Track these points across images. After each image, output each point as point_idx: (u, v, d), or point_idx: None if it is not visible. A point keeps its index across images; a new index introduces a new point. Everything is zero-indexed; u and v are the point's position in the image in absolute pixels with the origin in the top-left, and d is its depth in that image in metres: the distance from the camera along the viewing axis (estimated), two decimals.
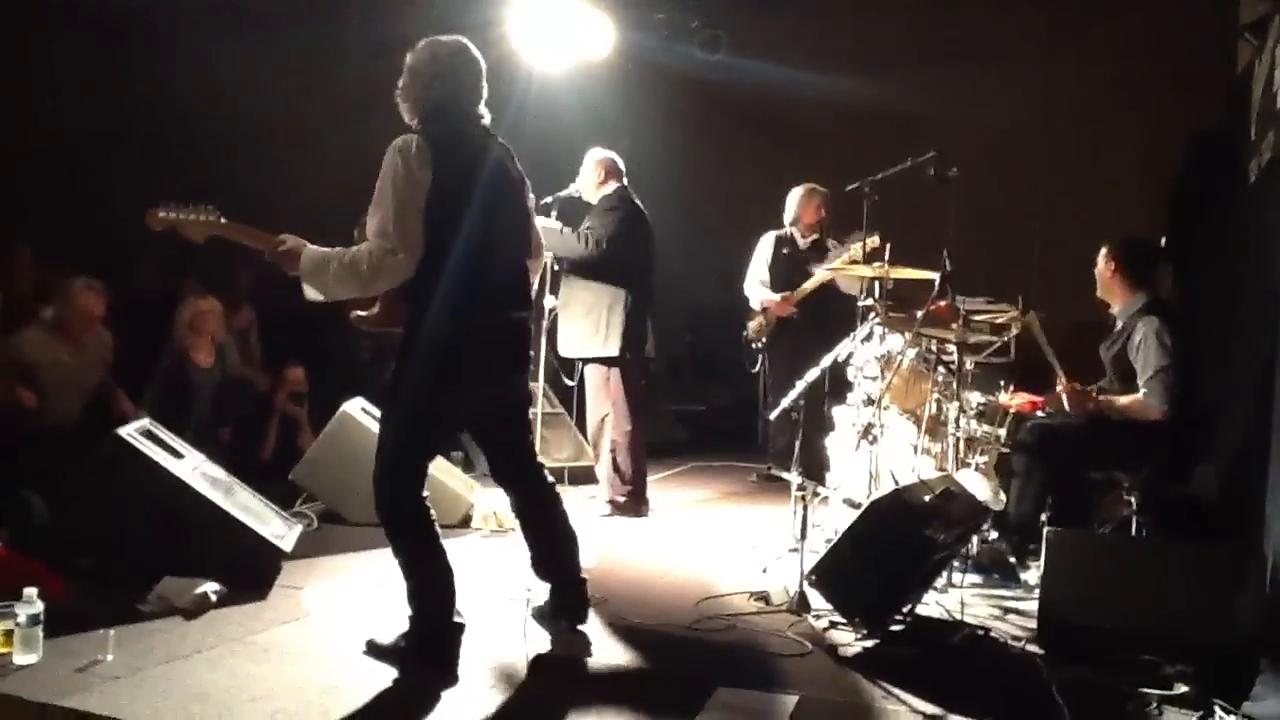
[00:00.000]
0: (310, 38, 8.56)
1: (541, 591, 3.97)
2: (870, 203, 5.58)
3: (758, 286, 7.08)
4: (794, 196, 7.17)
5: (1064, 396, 4.94)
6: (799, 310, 6.90)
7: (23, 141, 7.59)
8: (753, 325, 7.16)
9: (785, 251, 7.12)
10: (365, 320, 3.64)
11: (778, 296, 6.96)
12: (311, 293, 3.54)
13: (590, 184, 6.08)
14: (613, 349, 5.92)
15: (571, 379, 6.32)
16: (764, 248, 7.16)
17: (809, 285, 6.85)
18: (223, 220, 3.68)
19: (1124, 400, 4.81)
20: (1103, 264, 5.09)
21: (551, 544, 3.91)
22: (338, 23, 8.47)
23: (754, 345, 7.15)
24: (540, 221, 4.53)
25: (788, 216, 7.17)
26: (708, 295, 7.44)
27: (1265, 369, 4.05)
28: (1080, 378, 5.11)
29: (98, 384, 5.88)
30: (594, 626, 3.97)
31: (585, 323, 5.96)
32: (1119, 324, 5.04)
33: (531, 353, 3.84)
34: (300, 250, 3.51)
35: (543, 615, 3.95)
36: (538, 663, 3.64)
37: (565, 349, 6.11)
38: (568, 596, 3.90)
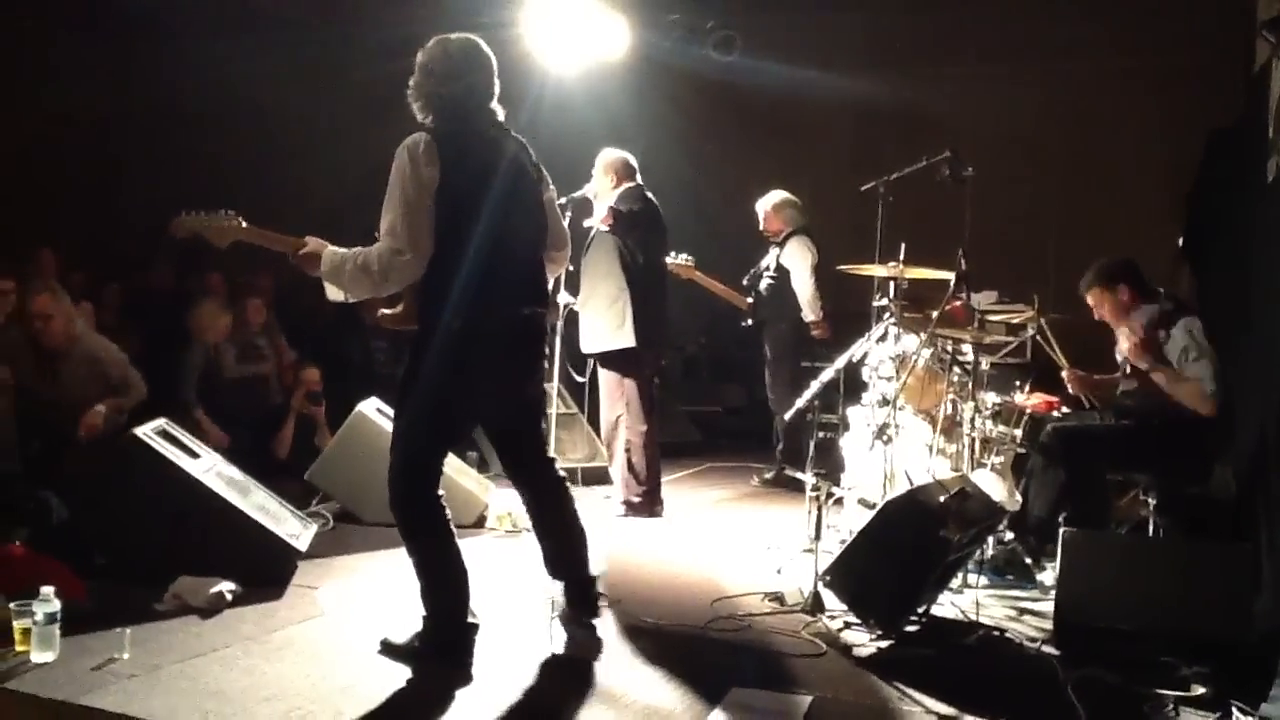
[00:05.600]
0: (323, 38, 8.58)
1: (559, 592, 3.98)
2: (885, 203, 5.57)
3: None
4: None
5: (1069, 384, 4.96)
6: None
7: (39, 141, 7.64)
8: None
9: None
10: (389, 319, 3.66)
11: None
12: (333, 293, 3.61)
13: (604, 188, 6.08)
14: (629, 340, 5.92)
15: (582, 375, 6.32)
16: None
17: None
18: (244, 224, 3.73)
19: (1184, 380, 4.68)
20: (1109, 299, 5.02)
21: (563, 542, 3.92)
22: (351, 23, 8.48)
23: None
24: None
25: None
26: (721, 297, 7.45)
27: None
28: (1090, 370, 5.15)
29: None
30: (608, 627, 3.98)
31: (610, 314, 5.95)
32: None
33: (546, 351, 3.85)
34: (321, 252, 3.55)
35: (560, 615, 3.96)
36: (551, 662, 3.64)
37: (589, 344, 6.09)
38: (579, 593, 3.93)
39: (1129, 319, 4.96)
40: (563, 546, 3.93)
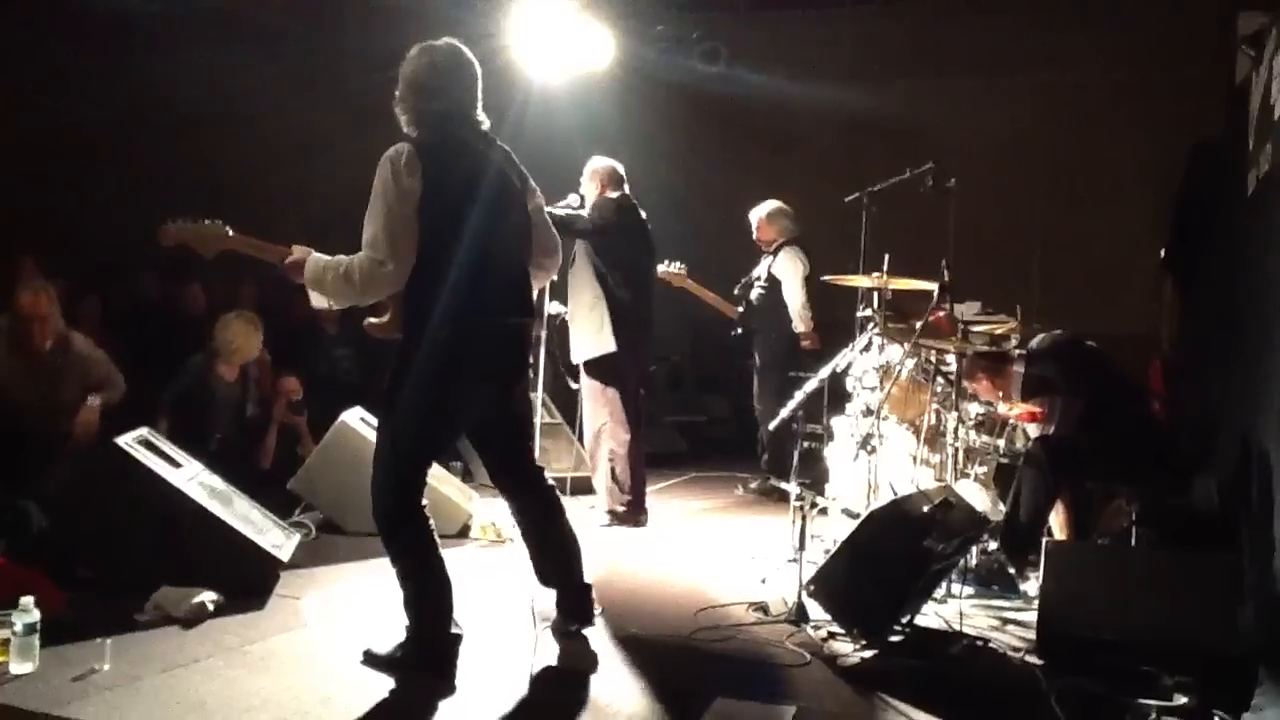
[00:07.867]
0: (311, 48, 8.58)
1: (545, 599, 3.97)
2: (869, 214, 5.58)
3: None
4: None
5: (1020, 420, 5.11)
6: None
7: (26, 149, 7.61)
8: None
9: None
10: (377, 327, 3.66)
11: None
12: (317, 299, 3.64)
13: (590, 195, 6.07)
14: (609, 345, 5.92)
15: (578, 382, 6.31)
16: None
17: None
18: (231, 233, 3.73)
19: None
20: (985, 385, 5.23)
21: (554, 551, 3.92)
22: (339, 33, 8.49)
23: None
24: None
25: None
26: (707, 307, 7.46)
27: (1264, 380, 4.05)
28: None
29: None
30: (593, 636, 3.97)
31: (589, 321, 5.94)
32: None
33: (531, 360, 3.85)
34: (305, 259, 3.56)
35: (550, 624, 3.95)
36: (536, 673, 3.62)
37: (576, 353, 6.08)
38: (573, 601, 3.92)
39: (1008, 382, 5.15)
40: (554, 556, 3.92)
